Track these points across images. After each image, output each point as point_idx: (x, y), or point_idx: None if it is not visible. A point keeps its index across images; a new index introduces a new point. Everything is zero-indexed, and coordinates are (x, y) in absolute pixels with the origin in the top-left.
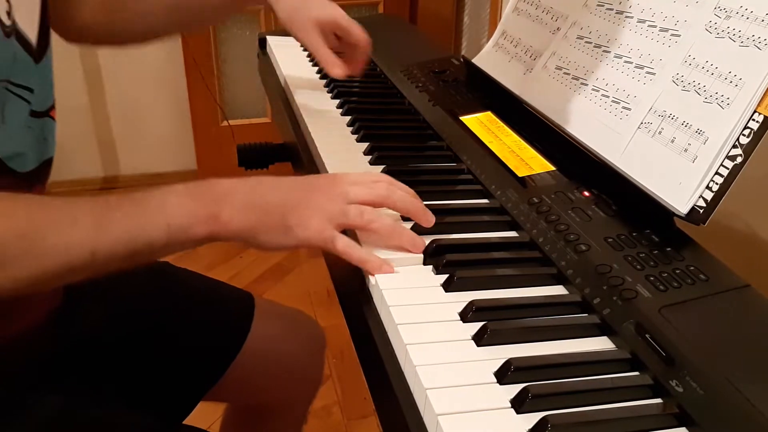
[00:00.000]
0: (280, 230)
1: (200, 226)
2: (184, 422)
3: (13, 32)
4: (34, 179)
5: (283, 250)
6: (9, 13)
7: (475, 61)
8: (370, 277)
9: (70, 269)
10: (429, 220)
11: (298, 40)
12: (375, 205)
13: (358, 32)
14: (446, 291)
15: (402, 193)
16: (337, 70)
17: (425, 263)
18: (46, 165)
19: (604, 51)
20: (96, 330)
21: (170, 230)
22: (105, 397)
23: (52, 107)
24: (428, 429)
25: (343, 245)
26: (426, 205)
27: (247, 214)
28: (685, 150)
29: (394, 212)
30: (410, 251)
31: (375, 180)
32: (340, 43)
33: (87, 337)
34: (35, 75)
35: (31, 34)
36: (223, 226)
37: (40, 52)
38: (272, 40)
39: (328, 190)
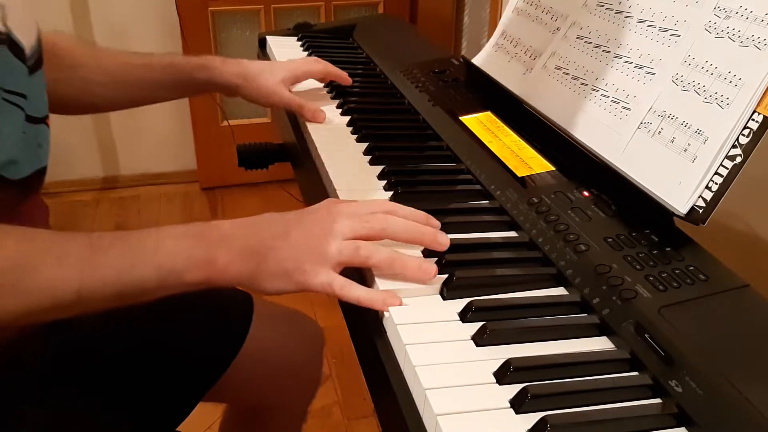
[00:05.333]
0: (279, 276)
1: (195, 270)
2: (182, 424)
3: (7, 40)
4: (27, 188)
5: (286, 294)
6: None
7: (475, 61)
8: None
9: (56, 306)
10: (440, 242)
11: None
12: (372, 239)
13: (316, 70)
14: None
15: (401, 221)
16: (323, 115)
17: None
18: (40, 174)
19: (604, 51)
20: (91, 333)
21: (161, 273)
22: (100, 401)
23: (47, 116)
24: (427, 429)
25: (340, 287)
26: (425, 205)
27: (246, 260)
28: (685, 150)
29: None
30: (420, 279)
31: (372, 211)
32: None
33: (82, 341)
34: (28, 83)
35: (26, 41)
36: (220, 272)
37: (35, 65)
38: (272, 40)
39: (323, 227)
